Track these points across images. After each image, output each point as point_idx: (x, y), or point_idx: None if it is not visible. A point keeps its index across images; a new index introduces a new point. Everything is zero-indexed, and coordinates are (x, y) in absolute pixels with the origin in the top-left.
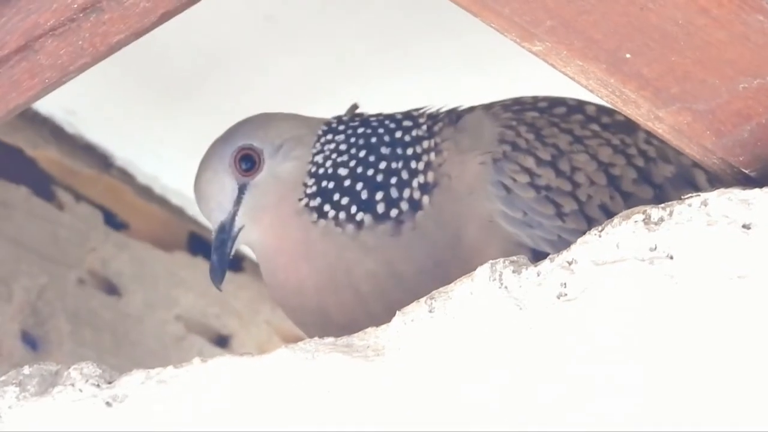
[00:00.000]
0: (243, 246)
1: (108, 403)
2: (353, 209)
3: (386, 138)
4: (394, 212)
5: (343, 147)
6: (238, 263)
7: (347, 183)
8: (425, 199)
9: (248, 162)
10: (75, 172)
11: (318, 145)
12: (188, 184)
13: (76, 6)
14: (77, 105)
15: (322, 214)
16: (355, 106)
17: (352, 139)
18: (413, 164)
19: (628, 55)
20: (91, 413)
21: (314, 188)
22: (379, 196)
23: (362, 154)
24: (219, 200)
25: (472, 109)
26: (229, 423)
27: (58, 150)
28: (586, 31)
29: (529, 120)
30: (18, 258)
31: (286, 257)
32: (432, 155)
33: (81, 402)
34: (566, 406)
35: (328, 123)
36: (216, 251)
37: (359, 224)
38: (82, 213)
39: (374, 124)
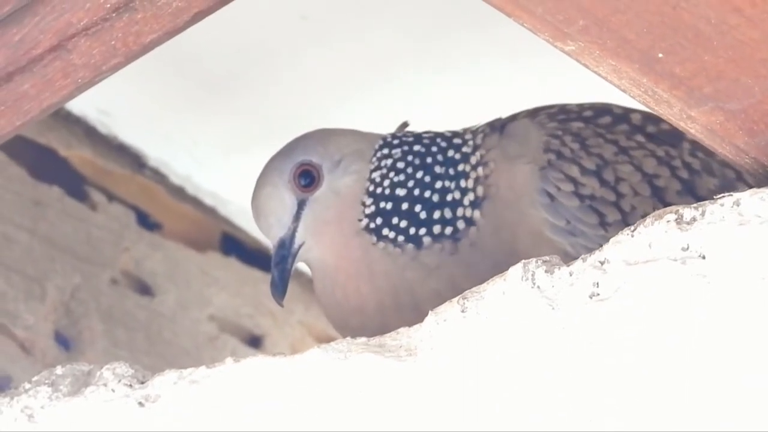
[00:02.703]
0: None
1: (140, 403)
2: (412, 231)
3: (439, 157)
4: (449, 230)
5: (400, 165)
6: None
7: (405, 205)
8: (476, 213)
9: (307, 178)
10: (108, 172)
11: (375, 161)
12: (221, 184)
13: (109, 5)
14: (110, 105)
15: (381, 237)
16: (405, 124)
17: (409, 158)
18: (463, 183)
19: (660, 55)
20: (123, 413)
21: (372, 208)
22: (436, 215)
23: (419, 174)
24: (278, 216)
25: (515, 117)
26: (262, 423)
27: (91, 150)
28: (619, 31)
29: (574, 129)
30: (51, 258)
31: (346, 276)
32: (480, 169)
33: (113, 402)
34: (599, 405)
35: (383, 138)
36: (276, 267)
37: (419, 245)
38: (115, 213)
39: (426, 141)
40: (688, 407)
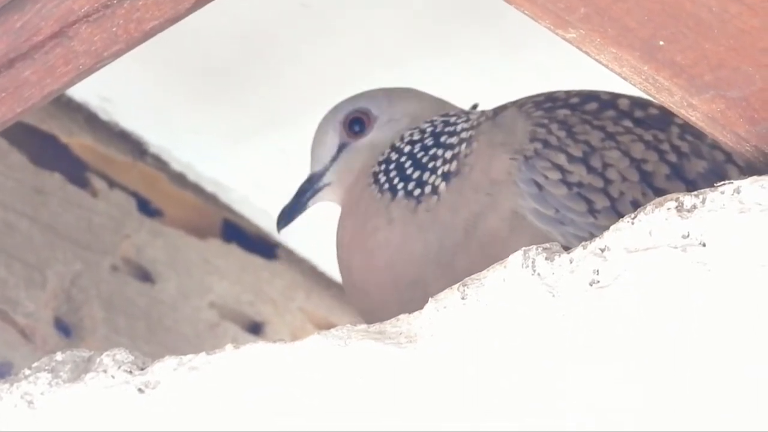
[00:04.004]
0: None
1: (140, 390)
2: (395, 182)
3: (448, 129)
4: (417, 192)
5: (424, 126)
6: (272, 250)
7: (403, 159)
8: (442, 185)
9: (359, 125)
10: (109, 159)
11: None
12: (222, 171)
13: None
14: (112, 92)
15: (376, 181)
16: (475, 106)
17: (430, 128)
18: (448, 153)
19: (661, 43)
20: (123, 399)
21: (382, 158)
22: (415, 175)
23: (427, 140)
24: (319, 152)
25: (505, 107)
26: (262, 409)
27: (92, 137)
28: (621, 19)
29: (560, 117)
30: (52, 245)
31: (345, 215)
32: (463, 146)
33: (113, 388)
34: (599, 393)
35: (447, 114)
36: (295, 197)
37: (394, 195)
38: (116, 200)
39: (453, 115)
40: (689, 395)
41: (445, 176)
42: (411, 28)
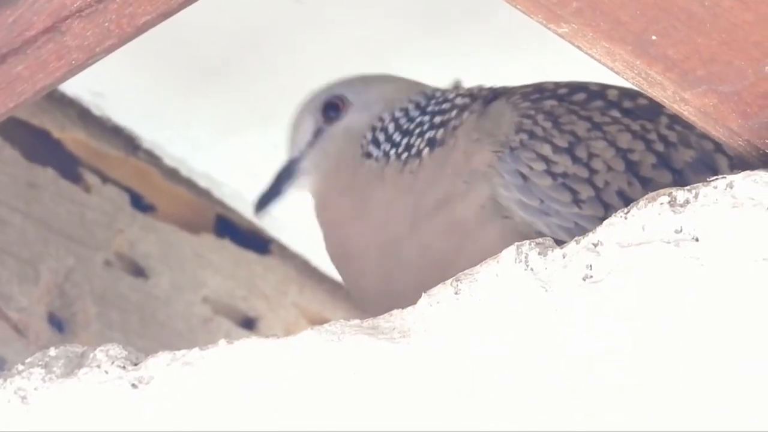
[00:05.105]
0: (271, 226)
1: (134, 385)
2: (387, 147)
3: (436, 106)
4: (404, 156)
5: (406, 105)
6: (265, 245)
7: (391, 130)
8: (426, 151)
9: (334, 110)
10: (102, 154)
11: (396, 111)
12: (215, 166)
13: None
14: (104, 87)
15: (369, 156)
16: (458, 82)
17: (419, 102)
18: (437, 119)
19: (654, 37)
20: (116, 395)
21: (369, 137)
22: (405, 141)
23: (413, 113)
24: (297, 138)
25: (497, 96)
26: (255, 404)
27: (85, 132)
28: (613, 13)
29: (547, 108)
30: (45, 240)
31: (335, 196)
32: (453, 113)
33: (107, 384)
34: (593, 388)
35: (425, 94)
36: (273, 182)
37: (387, 160)
38: (109, 195)
39: (440, 98)
40: (681, 389)
41: (430, 142)
42: (405, 24)
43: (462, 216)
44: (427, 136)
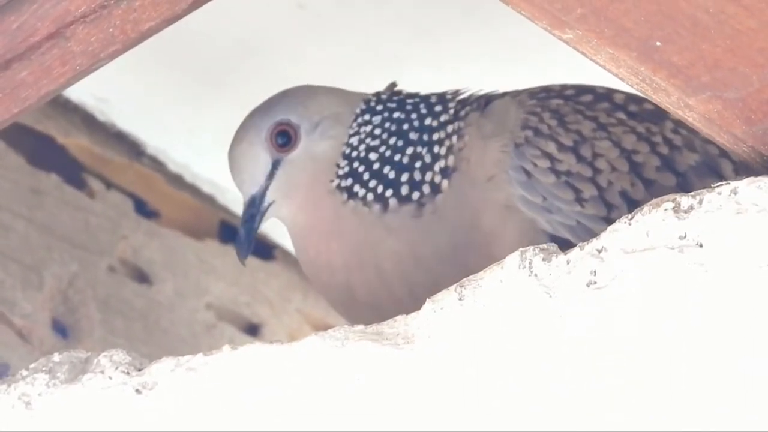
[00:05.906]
0: (275, 233)
1: (138, 391)
2: (380, 190)
3: (416, 123)
4: (416, 195)
5: (377, 131)
6: (269, 251)
7: (377, 166)
8: (444, 183)
9: (284, 137)
10: (106, 160)
11: (355, 126)
12: (219, 172)
13: None
14: (108, 93)
15: (352, 195)
16: (393, 85)
17: (386, 124)
18: (436, 149)
19: (658, 44)
20: (120, 400)
21: (346, 169)
22: (404, 178)
23: (392, 140)
24: (252, 173)
25: (503, 95)
26: (259, 410)
27: (89, 138)
28: (618, 19)
29: (553, 106)
30: (49, 246)
31: (317, 235)
32: (454, 139)
33: (111, 389)
34: (597, 394)
35: (367, 101)
36: (244, 225)
37: (385, 206)
38: (113, 201)
39: (409, 107)
40: (685, 395)
41: (445, 173)
42: (407, 30)
43: (492, 224)
44: (437, 167)
